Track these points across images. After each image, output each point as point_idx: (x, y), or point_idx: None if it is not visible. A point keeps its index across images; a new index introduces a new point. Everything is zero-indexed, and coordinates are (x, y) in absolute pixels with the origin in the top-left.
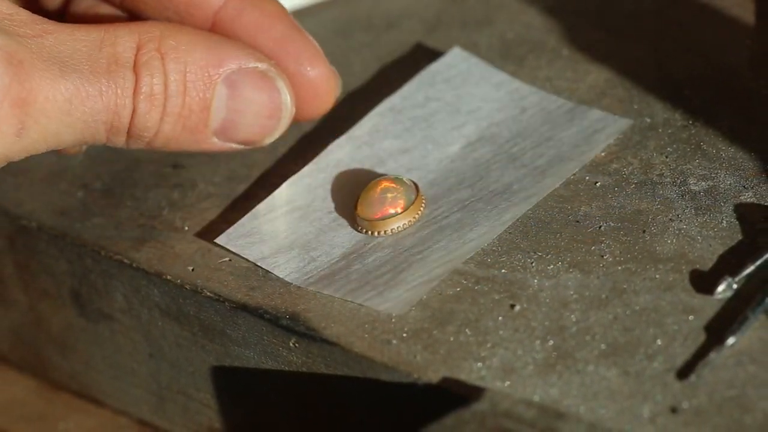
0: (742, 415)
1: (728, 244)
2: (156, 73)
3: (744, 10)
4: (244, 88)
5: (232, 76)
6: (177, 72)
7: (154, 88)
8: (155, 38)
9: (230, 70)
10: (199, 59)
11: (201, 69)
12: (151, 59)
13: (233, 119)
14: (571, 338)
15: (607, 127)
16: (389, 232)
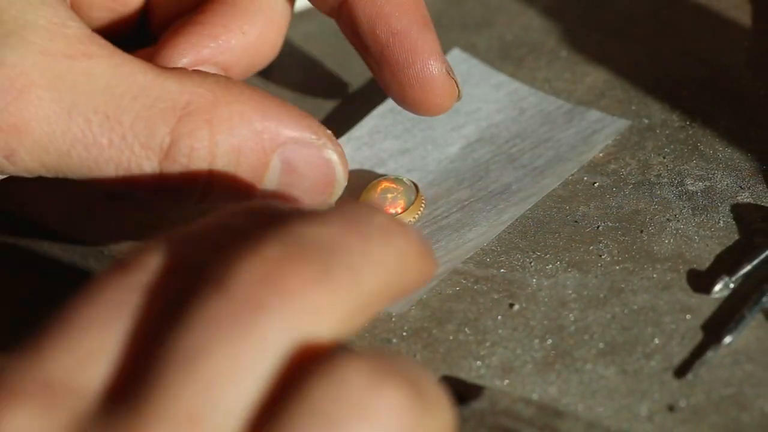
0: (739, 414)
1: (725, 243)
2: (197, 148)
3: (741, 12)
4: (298, 164)
5: (288, 150)
6: (227, 145)
7: (192, 162)
8: (207, 104)
9: (286, 144)
10: (255, 133)
11: (256, 144)
12: (196, 129)
13: (283, 191)
14: (570, 337)
15: (606, 128)
16: None
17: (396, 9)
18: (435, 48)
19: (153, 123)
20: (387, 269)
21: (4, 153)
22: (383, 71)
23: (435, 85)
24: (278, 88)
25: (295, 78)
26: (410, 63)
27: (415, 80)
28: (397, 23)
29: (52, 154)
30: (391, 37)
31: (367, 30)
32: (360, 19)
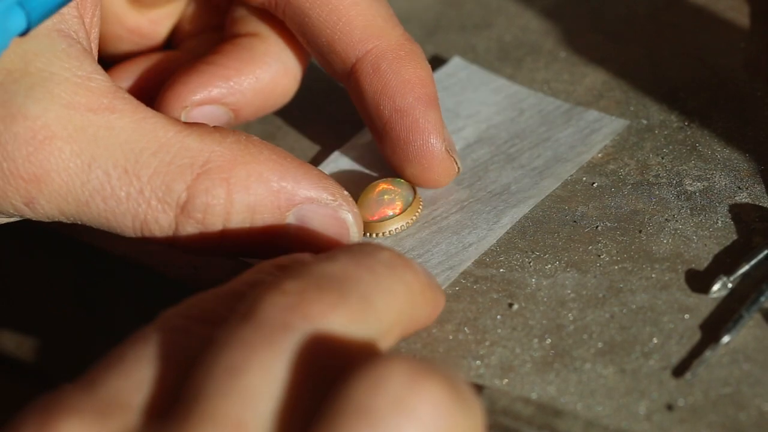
0: (737, 413)
1: (723, 243)
2: (213, 205)
3: (738, 14)
4: (313, 223)
5: (303, 209)
6: (243, 203)
7: (207, 219)
8: (226, 164)
9: (301, 203)
10: (272, 193)
11: (272, 203)
12: (212, 187)
13: (298, 249)
14: (569, 337)
15: (604, 128)
16: (387, 234)
17: (402, 85)
18: (437, 126)
19: (171, 179)
20: (397, 299)
21: (24, 200)
22: (385, 144)
23: (434, 163)
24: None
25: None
26: (411, 140)
27: (414, 156)
28: (402, 100)
29: (70, 203)
30: (395, 113)
31: (372, 103)
32: (366, 92)
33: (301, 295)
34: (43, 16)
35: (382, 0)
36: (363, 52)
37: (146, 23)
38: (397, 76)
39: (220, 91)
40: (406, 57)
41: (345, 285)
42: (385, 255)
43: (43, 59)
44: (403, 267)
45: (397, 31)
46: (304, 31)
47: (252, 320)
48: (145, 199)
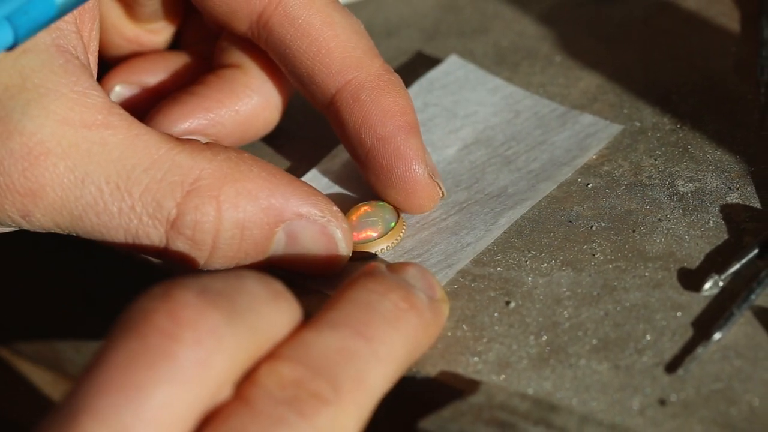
0: (728, 408)
1: (715, 243)
2: (203, 223)
3: (729, 19)
4: (303, 239)
5: (293, 225)
6: (233, 221)
7: (197, 236)
8: (217, 181)
9: (291, 220)
10: (261, 209)
11: (261, 219)
12: (202, 204)
13: (288, 263)
14: (564, 334)
15: (599, 132)
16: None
17: (383, 114)
18: (419, 153)
19: (161, 196)
20: (396, 360)
21: (21, 213)
22: (368, 172)
23: (417, 188)
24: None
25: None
26: (393, 167)
27: (398, 183)
28: (383, 129)
29: (65, 216)
30: (376, 141)
31: (353, 133)
32: (347, 122)
33: (297, 387)
34: (31, 31)
35: (362, 32)
36: (342, 83)
37: (144, 33)
38: (377, 106)
39: (200, 122)
40: (385, 87)
41: (340, 368)
42: (388, 305)
43: (40, 75)
44: (406, 314)
45: (376, 62)
46: (285, 62)
47: (250, 407)
48: (137, 215)
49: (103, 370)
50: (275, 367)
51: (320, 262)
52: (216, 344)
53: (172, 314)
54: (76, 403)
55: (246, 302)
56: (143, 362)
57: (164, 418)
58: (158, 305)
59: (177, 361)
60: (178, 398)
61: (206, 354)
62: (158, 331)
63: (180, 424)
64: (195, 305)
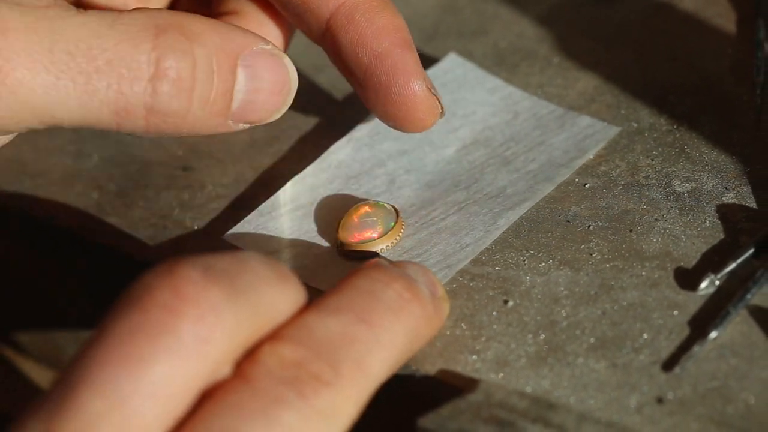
0: (724, 406)
1: (711, 242)
2: (183, 57)
3: (725, 20)
4: (259, 69)
5: (249, 58)
6: (204, 56)
7: (180, 72)
8: (178, 24)
9: (247, 54)
10: (223, 44)
11: (225, 54)
12: (177, 42)
13: (250, 100)
14: (562, 332)
15: (596, 134)
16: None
17: (377, 32)
18: (416, 67)
19: (135, 43)
20: (397, 348)
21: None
22: (367, 92)
23: (417, 102)
24: None
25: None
26: (392, 82)
27: (397, 98)
28: (378, 45)
29: (37, 91)
30: (373, 58)
31: (350, 54)
32: (342, 44)
33: (298, 368)
34: None
35: None
36: (336, 6)
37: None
38: (371, 24)
39: None
40: (378, 6)
41: (341, 352)
42: (392, 294)
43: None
44: (409, 304)
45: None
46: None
47: (250, 382)
48: (115, 71)
49: (103, 343)
50: (276, 348)
51: (275, 90)
52: (217, 321)
53: (175, 290)
54: (74, 374)
55: (249, 282)
56: (144, 335)
57: (163, 392)
58: (162, 281)
59: (178, 336)
60: (177, 372)
61: (207, 330)
62: (160, 306)
63: (178, 398)
64: (198, 282)
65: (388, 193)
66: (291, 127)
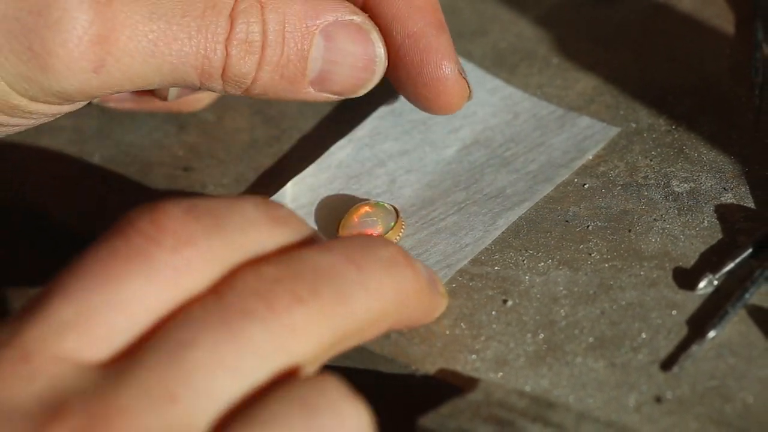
0: (722, 405)
1: (709, 242)
2: (254, 21)
3: (724, 21)
4: (340, 40)
5: (329, 27)
6: (276, 22)
7: (250, 36)
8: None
9: (327, 22)
10: (298, 10)
11: (300, 20)
12: (249, 7)
13: (330, 70)
14: (561, 332)
15: (596, 134)
16: None
17: (413, 11)
18: (449, 49)
19: (219, 9)
20: (382, 299)
21: (94, 65)
22: (398, 70)
23: (448, 85)
24: None
25: None
26: (424, 63)
27: (428, 79)
28: (413, 25)
29: (136, 58)
30: (407, 38)
31: (384, 30)
32: (377, 20)
33: (274, 283)
34: None
35: None
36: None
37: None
38: (408, 3)
39: None
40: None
41: (323, 279)
42: (386, 253)
43: None
44: (403, 267)
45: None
46: None
47: (219, 297)
48: (203, 35)
49: (81, 262)
50: (257, 266)
51: (359, 66)
52: (194, 254)
53: (156, 222)
54: (51, 287)
55: (235, 222)
56: (121, 258)
57: (131, 308)
58: (145, 214)
59: (153, 262)
60: (148, 294)
61: (183, 261)
62: (140, 234)
63: (146, 315)
64: (179, 217)
65: (389, 193)
66: (291, 127)
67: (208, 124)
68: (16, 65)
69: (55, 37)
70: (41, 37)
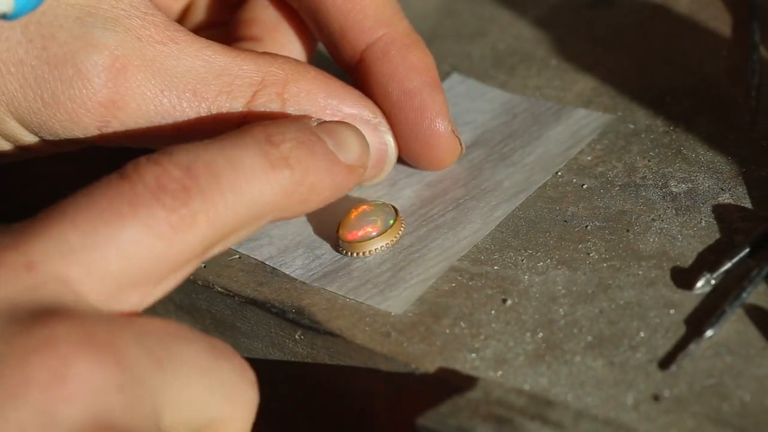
0: (720, 403)
1: (707, 242)
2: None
3: (721, 23)
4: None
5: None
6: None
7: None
8: (279, 81)
9: (346, 119)
10: (320, 108)
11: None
12: (269, 102)
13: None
14: (560, 331)
15: (591, 123)
16: (368, 253)
17: (410, 70)
18: (443, 108)
19: (233, 97)
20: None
21: (99, 124)
22: (394, 127)
23: (441, 141)
24: None
25: None
26: (419, 120)
27: (422, 136)
28: (410, 83)
29: (141, 125)
30: (403, 95)
31: (380, 87)
32: (375, 77)
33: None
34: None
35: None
36: (373, 39)
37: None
38: (405, 62)
39: None
40: (412, 44)
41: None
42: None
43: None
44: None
45: (404, 21)
46: (317, 19)
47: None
48: (212, 118)
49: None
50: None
51: (371, 164)
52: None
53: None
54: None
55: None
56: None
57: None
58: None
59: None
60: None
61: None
62: (144, 185)
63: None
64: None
65: (389, 196)
66: None
67: None
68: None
69: (67, 91)
70: (53, 90)
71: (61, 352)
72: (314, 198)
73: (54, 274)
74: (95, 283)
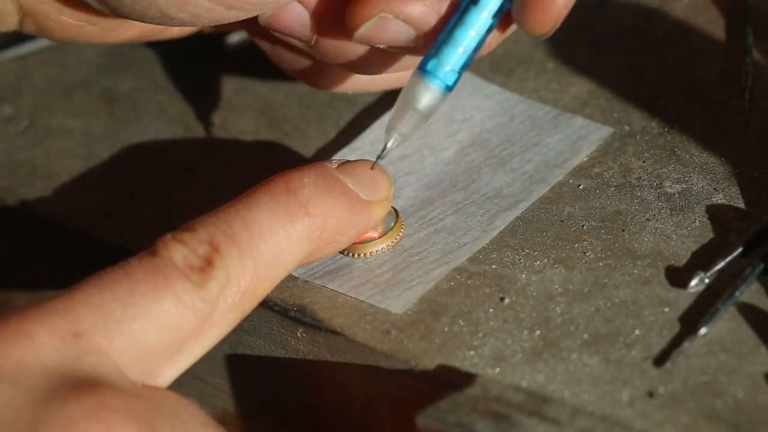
0: (713, 400)
1: (701, 241)
2: None
3: (715, 27)
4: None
5: None
6: None
7: None
8: None
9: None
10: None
11: None
12: None
13: None
14: (557, 329)
15: (590, 135)
16: (368, 255)
17: None
18: None
19: None
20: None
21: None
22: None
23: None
24: (288, 100)
25: (307, 94)
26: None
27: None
28: None
29: None
30: None
31: None
32: None
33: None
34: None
35: None
36: None
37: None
38: None
39: None
40: None
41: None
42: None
43: None
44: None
45: None
46: None
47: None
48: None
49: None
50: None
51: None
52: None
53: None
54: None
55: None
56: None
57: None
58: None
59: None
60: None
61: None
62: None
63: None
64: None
65: None
66: (295, 130)
67: (213, 126)
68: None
69: None
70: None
71: (108, 422)
72: (341, 239)
73: (98, 344)
74: (134, 353)
